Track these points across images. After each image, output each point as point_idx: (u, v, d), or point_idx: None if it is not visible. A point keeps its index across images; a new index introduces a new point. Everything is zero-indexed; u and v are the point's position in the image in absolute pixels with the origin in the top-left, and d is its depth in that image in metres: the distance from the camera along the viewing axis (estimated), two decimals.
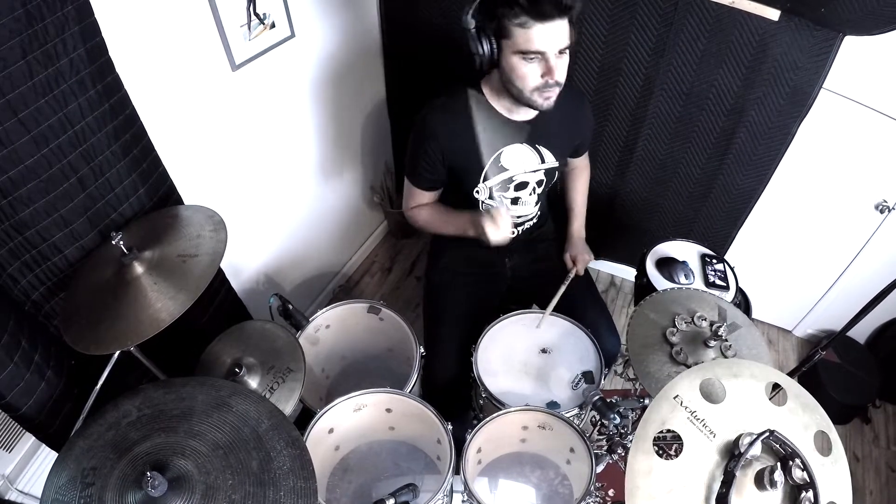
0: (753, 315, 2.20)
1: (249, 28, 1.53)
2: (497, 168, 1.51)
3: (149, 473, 0.83)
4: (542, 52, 1.26)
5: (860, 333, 2.41)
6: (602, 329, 1.59)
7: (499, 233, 1.40)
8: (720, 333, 1.28)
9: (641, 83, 1.88)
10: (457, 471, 1.23)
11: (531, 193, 1.60)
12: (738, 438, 0.86)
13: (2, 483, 1.31)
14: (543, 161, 1.56)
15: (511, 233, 1.42)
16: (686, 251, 1.75)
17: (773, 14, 1.59)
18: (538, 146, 1.53)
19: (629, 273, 2.68)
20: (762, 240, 2.25)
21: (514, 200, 1.59)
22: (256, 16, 1.53)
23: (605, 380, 1.46)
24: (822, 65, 1.64)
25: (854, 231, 2.09)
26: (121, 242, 1.13)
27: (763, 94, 1.76)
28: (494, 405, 1.37)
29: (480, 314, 1.63)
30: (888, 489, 2.12)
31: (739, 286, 1.67)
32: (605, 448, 1.36)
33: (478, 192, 1.56)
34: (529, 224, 1.71)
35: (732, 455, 0.85)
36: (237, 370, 1.27)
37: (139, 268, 1.14)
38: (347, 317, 1.64)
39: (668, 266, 1.66)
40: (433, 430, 1.32)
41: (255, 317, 1.79)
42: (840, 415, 2.26)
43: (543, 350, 1.52)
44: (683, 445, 0.87)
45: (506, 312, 1.58)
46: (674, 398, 0.91)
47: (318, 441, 1.31)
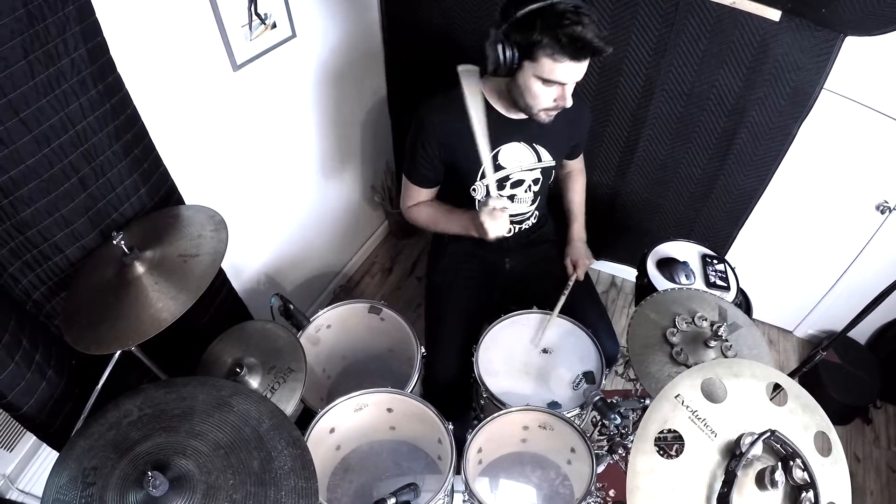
0: (754, 315, 2.19)
1: (251, 28, 1.53)
2: (494, 166, 1.51)
3: (150, 473, 0.83)
4: (563, 84, 1.32)
5: (861, 334, 2.41)
6: (601, 332, 1.59)
7: (496, 226, 1.40)
8: (720, 334, 1.28)
9: (642, 83, 1.88)
10: (458, 471, 1.24)
11: (527, 191, 1.61)
12: (740, 438, 0.86)
13: (3, 482, 1.31)
14: (540, 159, 1.56)
15: (508, 230, 1.42)
16: (687, 251, 1.75)
17: (774, 14, 1.59)
18: (535, 145, 1.54)
19: (630, 273, 2.68)
20: (763, 240, 2.25)
21: (511, 198, 1.60)
22: (258, 16, 1.53)
23: (606, 380, 1.46)
24: (823, 65, 1.64)
25: (855, 231, 2.09)
26: (122, 242, 1.13)
27: (764, 95, 1.76)
28: (495, 405, 1.37)
29: (481, 314, 1.63)
30: (889, 490, 2.11)
31: (740, 286, 1.67)
32: (606, 448, 1.36)
33: (475, 190, 1.56)
34: (528, 224, 1.71)
35: (734, 455, 0.85)
36: (238, 370, 1.27)
37: (140, 268, 1.14)
38: (348, 317, 1.64)
39: (669, 266, 1.66)
40: (434, 430, 1.32)
41: (256, 317, 1.80)
42: (841, 415, 2.25)
43: (544, 350, 1.52)
44: (685, 445, 0.87)
45: (506, 313, 1.58)
46: (675, 397, 0.91)
47: (319, 441, 1.31)
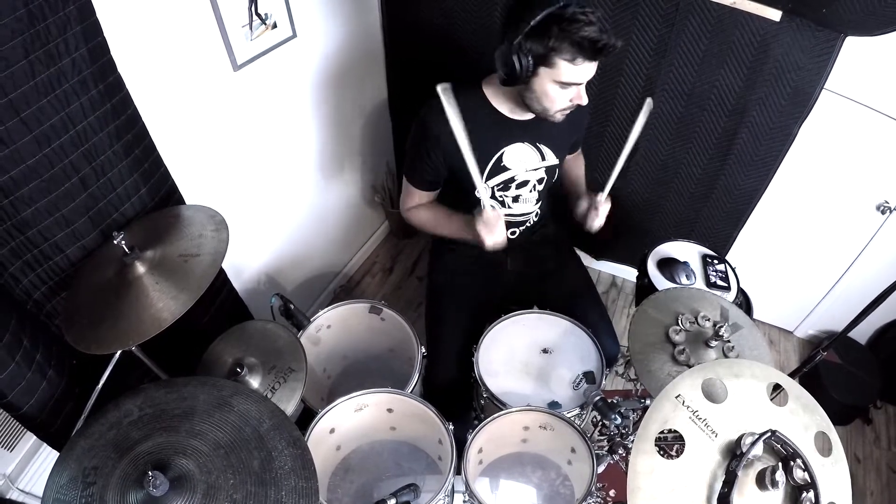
0: (754, 316, 2.19)
1: (251, 28, 1.53)
2: (499, 167, 1.51)
3: (150, 473, 0.83)
4: (579, 84, 1.34)
5: (861, 334, 2.41)
6: (601, 332, 1.58)
7: (492, 237, 1.41)
8: (722, 334, 1.28)
9: (643, 84, 1.88)
10: (458, 471, 1.24)
11: (532, 191, 1.60)
12: (740, 438, 0.86)
13: (3, 482, 1.30)
14: (544, 159, 1.56)
15: (508, 235, 1.41)
16: (687, 252, 1.75)
17: (775, 15, 1.59)
18: (539, 144, 1.53)
19: (630, 273, 2.68)
20: (763, 240, 2.25)
21: (516, 199, 1.60)
22: (258, 16, 1.53)
23: (606, 380, 1.46)
24: (824, 65, 1.64)
25: (855, 232, 2.09)
26: (122, 242, 1.13)
27: (764, 95, 1.75)
28: (495, 405, 1.37)
29: (482, 314, 1.63)
30: (889, 490, 2.11)
31: (741, 287, 1.67)
32: (607, 448, 1.36)
33: (479, 192, 1.56)
34: (531, 223, 1.71)
35: (734, 455, 0.85)
36: (239, 370, 1.27)
37: (141, 267, 1.14)
38: (349, 317, 1.64)
39: (670, 266, 1.66)
40: (434, 431, 1.32)
41: (257, 317, 1.79)
42: (841, 415, 2.25)
43: (544, 350, 1.52)
44: (685, 445, 0.87)
45: (507, 313, 1.58)
46: (676, 398, 0.91)
47: (320, 441, 1.31)
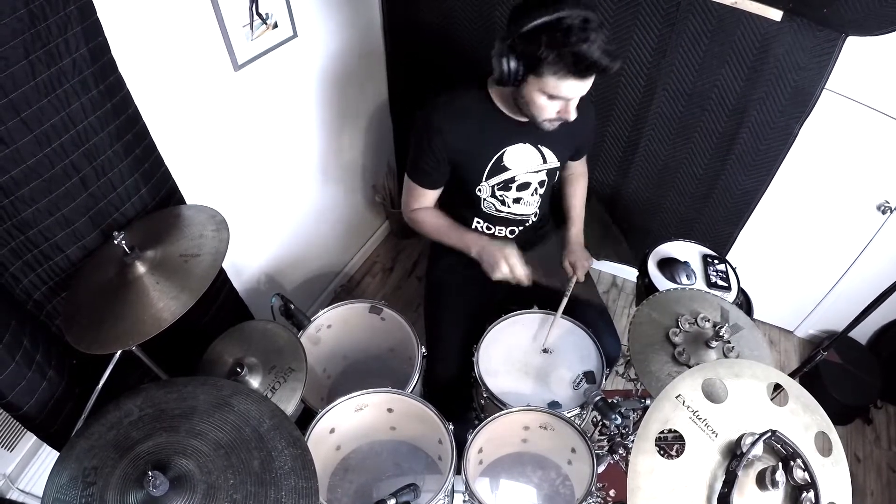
0: (755, 316, 2.19)
1: (252, 28, 1.53)
2: (499, 167, 1.51)
3: (150, 473, 0.83)
4: (567, 99, 1.30)
5: (862, 334, 2.40)
6: (601, 332, 1.58)
7: (498, 273, 1.42)
8: (722, 334, 1.28)
9: (644, 83, 1.87)
10: (458, 471, 1.23)
11: (533, 194, 1.60)
12: (741, 438, 0.86)
13: (3, 482, 1.31)
14: (546, 161, 1.56)
15: (507, 234, 1.39)
16: (688, 252, 1.74)
17: (776, 14, 1.59)
18: (541, 146, 1.53)
19: (631, 273, 2.68)
20: (764, 240, 2.24)
21: (517, 200, 1.60)
22: (259, 16, 1.53)
23: (607, 380, 1.46)
24: (825, 65, 1.64)
25: (856, 232, 2.09)
26: (123, 242, 1.13)
27: (765, 95, 1.75)
28: (496, 405, 1.37)
29: (482, 314, 1.63)
30: (889, 490, 2.11)
31: (741, 286, 1.67)
32: (607, 448, 1.36)
33: (479, 191, 1.56)
34: (529, 222, 1.71)
35: (734, 455, 0.85)
36: (239, 370, 1.27)
37: (141, 267, 1.14)
38: (349, 317, 1.64)
39: (670, 266, 1.66)
40: (434, 431, 1.32)
41: (257, 317, 1.80)
42: (841, 415, 2.25)
43: (544, 350, 1.52)
44: (685, 445, 0.87)
45: (507, 312, 1.58)
46: (676, 398, 0.91)
47: (320, 441, 1.31)
